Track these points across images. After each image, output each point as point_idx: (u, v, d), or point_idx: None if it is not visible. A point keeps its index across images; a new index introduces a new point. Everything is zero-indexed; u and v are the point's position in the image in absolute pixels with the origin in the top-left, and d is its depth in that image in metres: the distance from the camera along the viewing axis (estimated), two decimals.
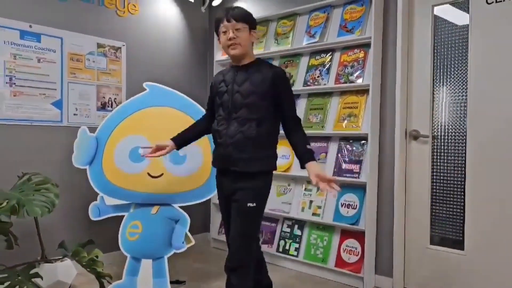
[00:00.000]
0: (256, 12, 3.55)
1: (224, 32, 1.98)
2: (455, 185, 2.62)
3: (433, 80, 2.70)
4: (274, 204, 3.22)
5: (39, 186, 2.30)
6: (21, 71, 2.77)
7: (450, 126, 2.64)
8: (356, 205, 2.83)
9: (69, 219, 3.00)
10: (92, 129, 2.71)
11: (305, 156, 1.94)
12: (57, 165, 2.92)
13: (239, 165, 1.96)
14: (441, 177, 2.67)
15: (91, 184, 2.60)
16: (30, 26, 2.80)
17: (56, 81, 2.94)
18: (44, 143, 2.88)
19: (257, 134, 1.94)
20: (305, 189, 3.12)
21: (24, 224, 2.49)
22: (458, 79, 2.61)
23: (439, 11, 2.69)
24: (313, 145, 3.06)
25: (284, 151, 3.17)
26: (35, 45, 2.83)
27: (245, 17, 1.99)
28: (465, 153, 2.54)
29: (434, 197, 2.70)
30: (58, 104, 2.95)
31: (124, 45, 3.33)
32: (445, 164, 2.66)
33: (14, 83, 2.74)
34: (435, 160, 2.70)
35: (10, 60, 2.72)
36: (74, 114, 3.04)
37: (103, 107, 3.20)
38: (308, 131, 3.01)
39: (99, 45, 3.18)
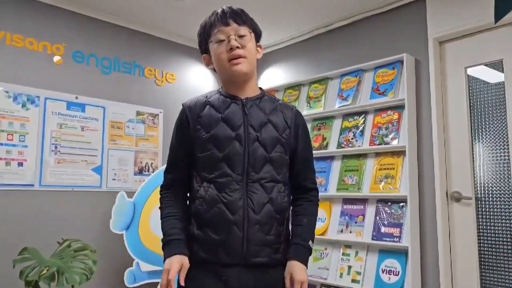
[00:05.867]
0: (288, 77, 3.67)
1: (221, 41, 1.36)
2: (505, 249, 2.47)
3: (472, 139, 2.64)
4: (310, 269, 3.09)
5: (78, 253, 2.32)
6: (66, 139, 2.91)
7: (494, 187, 2.54)
8: (398, 272, 2.69)
9: (104, 285, 2.99)
10: (130, 194, 2.78)
11: (301, 251, 1.38)
12: (95, 230, 2.96)
13: (264, 254, 1.33)
14: (489, 241, 2.53)
15: (127, 250, 2.61)
16: (76, 98, 2.99)
17: (97, 148, 3.06)
18: (84, 208, 2.95)
19: (288, 205, 1.42)
20: (343, 253, 3.00)
21: None
22: (498, 137, 2.55)
23: (472, 71, 2.69)
24: (350, 207, 2.99)
25: (318, 213, 3.09)
26: (80, 115, 3.00)
27: (251, 21, 1.42)
28: None
29: (482, 262, 2.53)
30: (98, 170, 3.05)
31: (161, 112, 3.47)
32: (493, 227, 2.53)
33: (59, 151, 2.87)
34: (480, 223, 2.57)
35: (56, 130, 2.87)
36: (113, 179, 3.12)
37: (140, 171, 3.28)
38: (344, 193, 3.00)
39: (138, 113, 3.33)
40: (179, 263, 1.28)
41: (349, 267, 2.93)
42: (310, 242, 1.40)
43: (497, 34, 2.54)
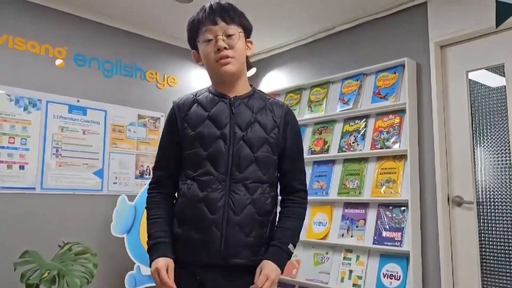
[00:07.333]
0: (290, 81, 3.67)
1: (208, 41, 1.34)
2: (506, 254, 2.46)
3: (473, 143, 2.64)
4: (311, 274, 3.09)
5: (79, 256, 2.32)
6: (67, 142, 2.92)
7: (496, 191, 2.54)
8: (400, 276, 2.68)
9: None
10: (131, 197, 2.77)
11: (277, 253, 1.33)
12: (96, 233, 2.96)
13: (243, 255, 1.30)
14: (491, 246, 2.52)
15: (128, 253, 2.61)
16: (78, 101, 2.99)
17: (98, 151, 3.06)
18: (85, 211, 2.95)
19: (272, 207, 1.37)
20: (344, 257, 3.00)
21: None
22: (500, 141, 2.55)
23: (473, 75, 2.69)
24: (351, 211, 2.99)
25: (319, 217, 3.10)
26: (81, 118, 3.00)
27: (240, 18, 1.38)
28: None
29: (484, 266, 2.53)
30: (99, 173, 3.05)
31: (162, 116, 3.47)
32: (494, 232, 2.52)
33: (60, 154, 2.87)
34: (482, 227, 2.56)
35: (57, 133, 2.88)
36: (114, 183, 3.12)
37: (141, 175, 3.28)
38: (345, 197, 2.99)
39: (140, 116, 3.34)
40: (164, 264, 1.28)
41: (350, 271, 2.92)
42: (290, 246, 1.35)
43: (498, 38, 2.54)
